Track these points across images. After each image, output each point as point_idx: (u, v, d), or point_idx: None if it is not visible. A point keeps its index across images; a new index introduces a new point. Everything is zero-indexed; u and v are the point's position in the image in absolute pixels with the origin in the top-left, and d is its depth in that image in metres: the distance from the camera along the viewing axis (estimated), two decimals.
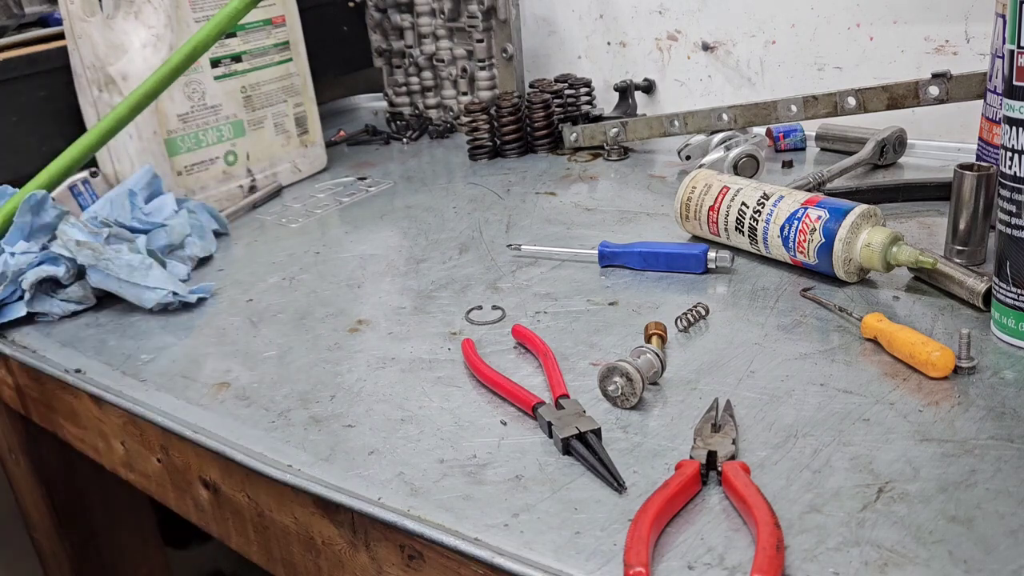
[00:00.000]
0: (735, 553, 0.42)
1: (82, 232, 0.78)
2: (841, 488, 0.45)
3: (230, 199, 1.02)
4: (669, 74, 1.13)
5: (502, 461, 0.51)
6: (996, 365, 0.54)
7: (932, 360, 0.53)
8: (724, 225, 0.73)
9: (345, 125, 1.31)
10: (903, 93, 0.82)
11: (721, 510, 0.45)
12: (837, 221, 0.65)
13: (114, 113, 0.84)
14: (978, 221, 0.67)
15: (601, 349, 0.62)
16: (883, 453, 0.47)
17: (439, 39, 1.21)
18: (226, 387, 0.63)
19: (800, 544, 0.42)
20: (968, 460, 0.46)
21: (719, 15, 1.06)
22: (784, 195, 0.70)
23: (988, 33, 0.75)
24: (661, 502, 0.44)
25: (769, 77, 1.05)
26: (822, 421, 0.51)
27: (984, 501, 0.43)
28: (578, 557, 0.43)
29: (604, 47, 1.17)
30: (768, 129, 0.99)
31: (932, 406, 0.51)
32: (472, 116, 1.09)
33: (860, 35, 0.96)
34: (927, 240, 0.73)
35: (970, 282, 0.61)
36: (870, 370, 0.56)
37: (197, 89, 0.97)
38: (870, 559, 0.40)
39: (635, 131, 1.01)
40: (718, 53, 1.08)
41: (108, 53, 0.90)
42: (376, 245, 0.87)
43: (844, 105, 0.85)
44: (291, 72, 1.07)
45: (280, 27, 1.05)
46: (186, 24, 0.94)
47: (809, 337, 0.60)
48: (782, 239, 0.69)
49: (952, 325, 0.59)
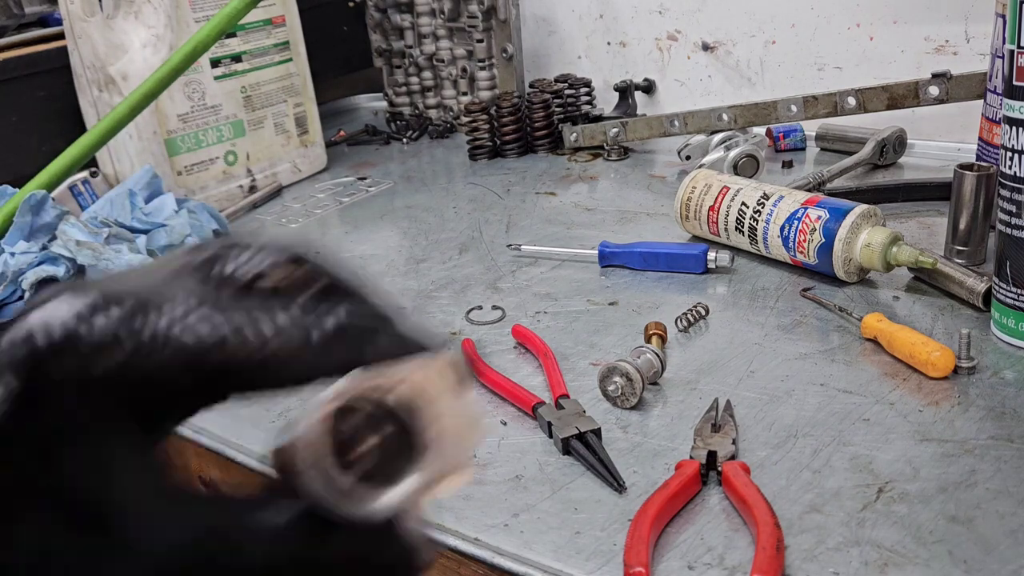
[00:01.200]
0: (735, 553, 0.42)
1: (82, 232, 0.78)
2: (841, 488, 0.45)
3: (230, 199, 1.01)
4: (669, 74, 1.13)
5: (502, 461, 0.51)
6: (996, 365, 0.54)
7: (932, 360, 0.53)
8: (724, 225, 0.73)
9: (345, 125, 1.31)
10: (903, 93, 0.82)
11: (721, 510, 0.45)
12: (837, 221, 0.65)
13: (114, 113, 0.84)
14: (978, 221, 0.67)
15: (601, 349, 0.62)
16: (883, 453, 0.47)
17: (439, 39, 1.21)
18: None
19: (800, 544, 0.42)
20: (968, 460, 0.46)
21: (719, 15, 1.06)
22: (784, 195, 0.70)
23: (988, 33, 0.75)
24: (661, 502, 0.43)
25: (769, 77, 1.05)
26: (822, 421, 0.51)
27: (984, 501, 0.43)
28: (578, 557, 0.43)
29: (604, 47, 1.17)
30: (768, 129, 0.99)
31: (932, 406, 0.51)
32: (472, 116, 1.09)
33: (860, 35, 0.96)
34: (927, 240, 0.73)
35: (970, 282, 0.61)
36: (870, 370, 0.56)
37: (197, 89, 0.97)
38: (870, 559, 0.40)
39: (635, 131, 1.01)
40: (718, 53, 1.08)
41: (108, 53, 0.90)
42: (376, 245, 0.87)
43: (844, 105, 0.85)
44: (291, 72, 1.07)
45: (280, 27, 1.05)
46: (186, 24, 0.94)
47: (809, 337, 0.60)
48: (782, 239, 0.69)
49: (952, 325, 0.59)
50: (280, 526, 0.22)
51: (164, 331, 0.21)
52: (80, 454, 0.21)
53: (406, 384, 0.22)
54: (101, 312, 0.21)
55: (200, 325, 0.22)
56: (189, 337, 0.21)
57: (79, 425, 0.21)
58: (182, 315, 0.22)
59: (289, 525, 0.22)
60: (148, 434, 0.22)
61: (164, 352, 0.21)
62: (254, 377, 0.22)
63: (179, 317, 0.21)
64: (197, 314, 0.22)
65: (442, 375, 0.23)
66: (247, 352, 0.22)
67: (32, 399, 0.20)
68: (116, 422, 0.21)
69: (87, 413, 0.21)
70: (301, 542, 0.22)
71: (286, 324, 0.22)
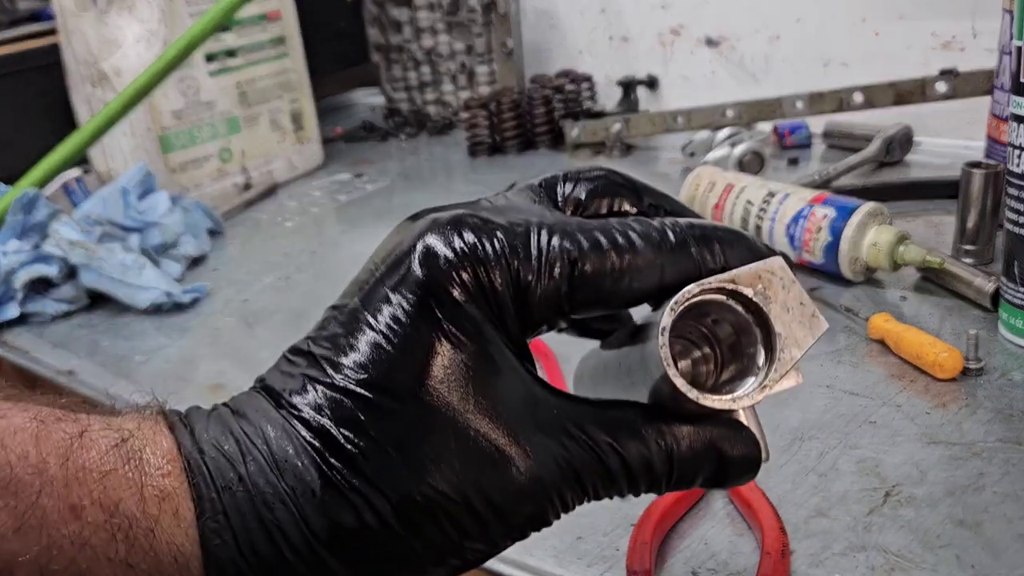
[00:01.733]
0: (739, 558, 0.41)
1: (75, 231, 0.77)
2: (847, 492, 0.45)
3: (224, 197, 1.00)
4: (672, 70, 1.12)
5: None
6: (1004, 366, 0.54)
7: (940, 361, 0.52)
8: (729, 223, 0.72)
9: (342, 121, 1.30)
10: (910, 89, 0.81)
11: (725, 515, 0.44)
12: (844, 219, 0.64)
13: (107, 109, 0.83)
14: (986, 220, 0.66)
15: None
16: (890, 456, 0.47)
17: (438, 34, 1.20)
18: (221, 389, 0.62)
19: (805, 549, 0.41)
20: (976, 463, 0.46)
21: (723, 10, 1.05)
22: (790, 193, 0.69)
23: (995, 29, 0.74)
24: (665, 506, 0.43)
25: (774, 73, 1.04)
26: (828, 423, 0.50)
27: (992, 505, 0.43)
28: (579, 563, 0.42)
29: (606, 42, 1.16)
30: (774, 126, 0.98)
31: (940, 408, 0.50)
32: (471, 112, 1.08)
33: (866, 31, 0.96)
34: (935, 239, 0.72)
35: (978, 282, 0.60)
36: (877, 371, 0.55)
37: (191, 85, 0.96)
38: (876, 564, 0.40)
39: (638, 127, 1.00)
40: (722, 48, 1.07)
41: (101, 48, 0.89)
42: (374, 244, 0.86)
43: (850, 101, 0.84)
44: (287, 68, 1.06)
45: (276, 22, 1.04)
46: (180, 19, 0.93)
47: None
48: (788, 238, 0.68)
49: (960, 325, 0.59)
50: (638, 424, 0.24)
51: (544, 248, 0.24)
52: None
53: (759, 280, 0.24)
54: (486, 235, 0.24)
55: (566, 241, 0.24)
56: (557, 253, 0.24)
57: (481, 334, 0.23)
58: (549, 234, 0.24)
59: (646, 419, 0.24)
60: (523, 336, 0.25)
61: (547, 267, 0.24)
62: (610, 289, 0.24)
63: (547, 238, 0.24)
64: (561, 232, 0.24)
65: (783, 275, 0.24)
66: (607, 263, 0.24)
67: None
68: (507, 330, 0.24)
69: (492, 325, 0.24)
70: (659, 436, 0.24)
71: (638, 234, 0.24)
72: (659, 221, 0.25)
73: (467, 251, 0.24)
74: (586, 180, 0.28)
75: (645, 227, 0.25)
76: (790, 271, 0.25)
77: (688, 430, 0.24)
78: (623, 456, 0.24)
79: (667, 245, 0.24)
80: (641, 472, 0.24)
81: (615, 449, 0.24)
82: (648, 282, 0.24)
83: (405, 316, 0.23)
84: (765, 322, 0.24)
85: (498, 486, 0.23)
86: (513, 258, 0.24)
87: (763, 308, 0.24)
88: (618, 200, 0.27)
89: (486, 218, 0.24)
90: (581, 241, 0.24)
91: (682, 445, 0.24)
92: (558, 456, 0.23)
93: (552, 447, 0.23)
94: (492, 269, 0.23)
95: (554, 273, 0.24)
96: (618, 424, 0.24)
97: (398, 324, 0.23)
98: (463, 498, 0.23)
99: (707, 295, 0.24)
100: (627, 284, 0.24)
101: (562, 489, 0.24)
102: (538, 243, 0.24)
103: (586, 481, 0.24)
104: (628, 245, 0.24)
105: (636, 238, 0.24)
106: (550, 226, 0.24)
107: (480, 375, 0.23)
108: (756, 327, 0.24)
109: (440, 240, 0.24)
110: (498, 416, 0.23)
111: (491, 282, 0.23)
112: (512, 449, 0.23)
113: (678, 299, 0.23)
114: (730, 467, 0.25)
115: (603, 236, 0.24)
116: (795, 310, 0.24)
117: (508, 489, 0.23)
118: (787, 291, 0.24)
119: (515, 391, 0.24)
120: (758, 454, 0.25)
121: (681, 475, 0.25)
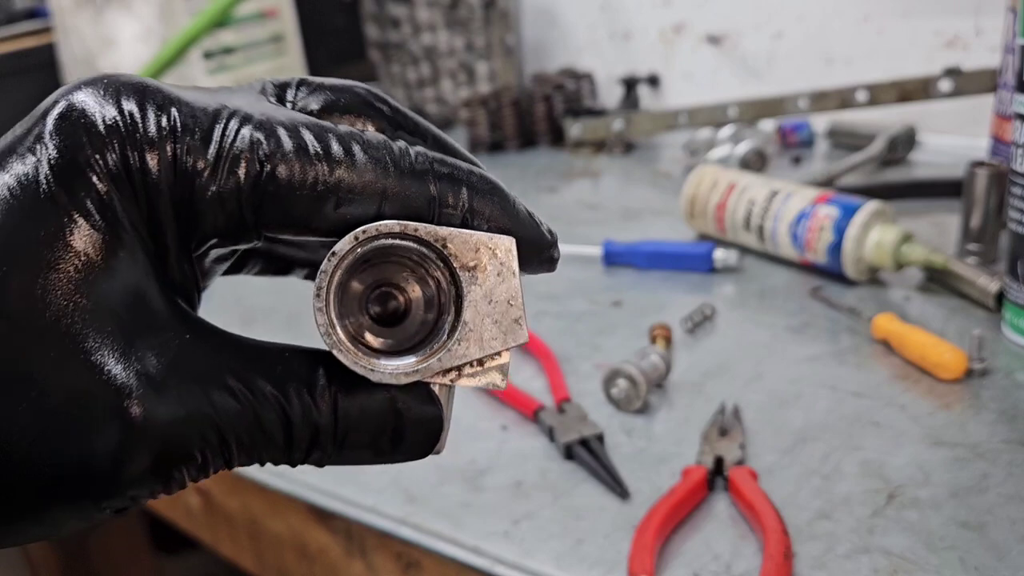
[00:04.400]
0: (742, 561, 0.41)
1: None
2: (851, 494, 0.44)
3: None
4: (674, 67, 1.11)
5: (502, 467, 0.50)
6: (1008, 367, 0.53)
7: (943, 362, 0.52)
8: (731, 223, 0.72)
9: None
10: (913, 88, 0.81)
11: (728, 517, 0.44)
12: (847, 218, 0.64)
13: None
14: (990, 219, 0.66)
15: (604, 351, 0.60)
16: (894, 457, 0.47)
17: (437, 31, 1.20)
18: None
19: (809, 551, 0.41)
20: (980, 464, 0.45)
21: (725, 7, 1.05)
22: (793, 192, 0.69)
23: (999, 27, 0.74)
24: (666, 509, 0.43)
25: (777, 71, 1.03)
26: (832, 425, 0.50)
27: (996, 506, 0.42)
28: (580, 566, 0.42)
29: (607, 39, 1.16)
30: (777, 124, 0.97)
31: (944, 409, 0.50)
32: (471, 110, 1.07)
33: (869, 28, 0.95)
34: (939, 239, 0.72)
35: (982, 282, 0.60)
36: (881, 372, 0.55)
37: (189, 83, 0.96)
38: (880, 566, 0.40)
39: (639, 125, 0.99)
40: (724, 46, 1.07)
41: (98, 46, 0.89)
42: None
43: (853, 100, 0.84)
44: (285, 65, 1.06)
45: (273, 19, 1.04)
46: (177, 16, 0.93)
47: (818, 338, 0.59)
48: (791, 237, 0.67)
49: (964, 326, 0.58)
50: (313, 380, 0.20)
51: (230, 136, 0.19)
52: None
53: (476, 253, 0.20)
54: (152, 110, 0.19)
55: (260, 134, 0.19)
56: (246, 145, 0.19)
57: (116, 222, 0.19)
58: (241, 122, 0.19)
59: (322, 378, 0.20)
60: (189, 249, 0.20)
61: (227, 161, 0.19)
62: (307, 207, 0.19)
63: (237, 126, 0.19)
64: (259, 123, 0.19)
65: (505, 260, 0.20)
66: (310, 172, 0.19)
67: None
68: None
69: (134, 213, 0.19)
70: (334, 394, 0.20)
71: (362, 147, 0.19)
72: (402, 143, 0.21)
73: (119, 123, 0.19)
74: (327, 89, 0.23)
75: (379, 143, 0.20)
76: (516, 261, 0.21)
77: (370, 390, 0.21)
78: (285, 409, 0.20)
79: (398, 170, 0.20)
80: (303, 430, 0.20)
81: (279, 400, 0.20)
82: (360, 210, 0.19)
83: (13, 199, 0.18)
84: (460, 305, 0.20)
85: (102, 437, 0.18)
86: (183, 140, 0.19)
87: (462, 287, 0.20)
88: (362, 121, 0.22)
89: (164, 89, 0.20)
90: (282, 138, 0.19)
91: (356, 403, 0.21)
92: (189, 403, 0.19)
93: (191, 394, 0.19)
94: (150, 151, 0.19)
95: (236, 170, 0.19)
96: (283, 374, 0.20)
97: (5, 207, 0.18)
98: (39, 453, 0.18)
99: (405, 240, 0.20)
100: (331, 206, 0.19)
101: (191, 443, 0.19)
102: (224, 129, 0.19)
103: (228, 436, 0.20)
104: (345, 156, 0.19)
105: (359, 151, 0.20)
106: (248, 114, 0.19)
107: (95, 288, 0.18)
108: (453, 306, 0.21)
109: (91, 100, 0.19)
110: (107, 337, 0.18)
111: (143, 168, 0.19)
112: (119, 385, 0.18)
113: (357, 234, 0.19)
114: (406, 431, 0.21)
115: (314, 139, 0.19)
116: (499, 306, 0.20)
117: (112, 439, 0.18)
118: (501, 280, 0.20)
119: (135, 309, 0.19)
120: (439, 427, 0.22)
121: (350, 437, 0.21)
